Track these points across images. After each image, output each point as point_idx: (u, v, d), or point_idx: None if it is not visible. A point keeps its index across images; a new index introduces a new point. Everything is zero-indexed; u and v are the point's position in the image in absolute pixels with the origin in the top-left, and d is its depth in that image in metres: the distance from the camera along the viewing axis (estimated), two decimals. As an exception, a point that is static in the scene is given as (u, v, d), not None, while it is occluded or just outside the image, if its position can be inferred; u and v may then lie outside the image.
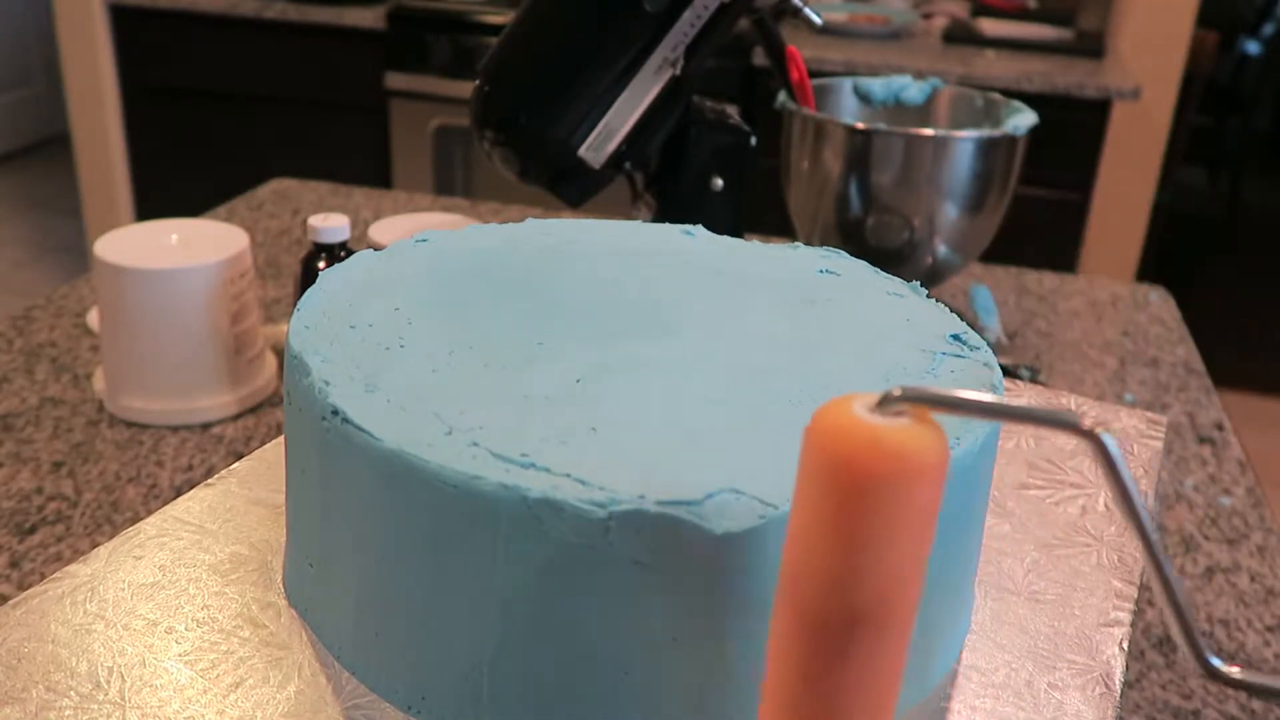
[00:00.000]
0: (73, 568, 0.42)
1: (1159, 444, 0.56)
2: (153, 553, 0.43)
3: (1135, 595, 0.44)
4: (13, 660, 0.37)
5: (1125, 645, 0.41)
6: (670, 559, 0.32)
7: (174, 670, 0.37)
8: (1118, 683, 0.39)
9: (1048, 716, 0.38)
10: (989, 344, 1.00)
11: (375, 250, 0.48)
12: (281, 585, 0.41)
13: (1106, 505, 0.50)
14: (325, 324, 0.41)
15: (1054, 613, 0.43)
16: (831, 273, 0.51)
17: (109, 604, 0.40)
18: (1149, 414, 0.58)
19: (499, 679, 0.35)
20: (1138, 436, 0.56)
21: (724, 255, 0.52)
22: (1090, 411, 0.57)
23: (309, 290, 0.44)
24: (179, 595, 0.41)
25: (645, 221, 0.57)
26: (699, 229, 0.54)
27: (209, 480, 0.47)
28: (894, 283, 0.50)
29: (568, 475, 0.33)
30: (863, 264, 0.52)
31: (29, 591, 0.40)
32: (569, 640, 0.34)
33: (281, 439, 0.50)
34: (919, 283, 0.49)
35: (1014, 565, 0.45)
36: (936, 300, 0.48)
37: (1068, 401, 0.58)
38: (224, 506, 0.46)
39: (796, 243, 0.54)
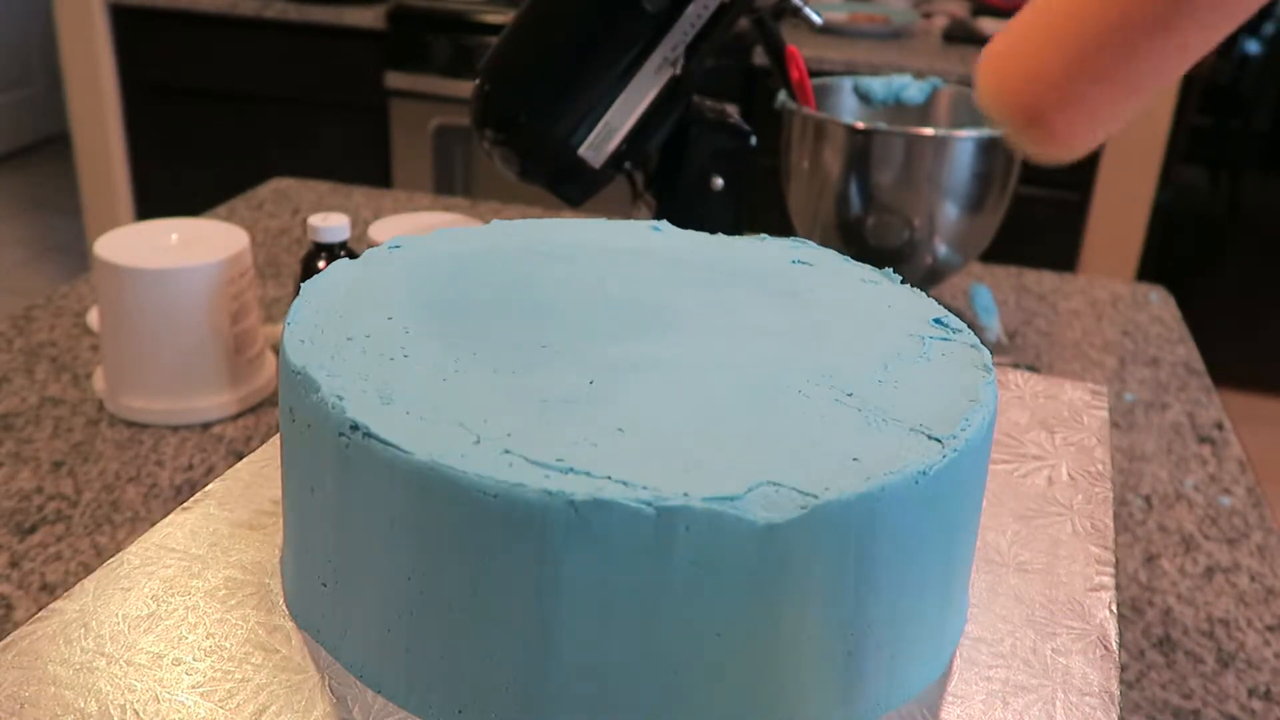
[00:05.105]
0: (59, 604, 0.40)
1: (1104, 413, 0.58)
2: (141, 583, 0.41)
3: (1113, 560, 0.46)
4: (14, 705, 0.35)
5: (1114, 608, 0.43)
6: (714, 554, 0.32)
7: (190, 704, 0.36)
8: (1114, 643, 0.41)
9: (1057, 681, 0.39)
10: (989, 344, 1.00)
11: (351, 259, 0.48)
12: (285, 607, 0.40)
13: (1069, 475, 0.52)
14: (321, 337, 0.40)
15: (1043, 581, 0.44)
16: (804, 263, 0.51)
17: (106, 639, 0.38)
18: (1091, 385, 0.61)
19: (543, 686, 0.34)
20: (1085, 408, 0.59)
21: (696, 249, 0.52)
22: (1037, 384, 0.61)
23: (294, 304, 0.43)
24: (179, 625, 0.39)
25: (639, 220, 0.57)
26: (664, 224, 0.55)
27: (184, 504, 0.46)
28: (865, 269, 0.51)
29: (609, 477, 0.33)
30: (832, 252, 0.53)
31: (16, 633, 0.38)
32: (615, 641, 0.34)
33: (253, 458, 0.49)
34: (891, 269, 0.51)
35: (997, 538, 0.47)
36: (912, 287, 0.50)
37: (1016, 377, 0.61)
38: (207, 530, 0.44)
39: (763, 234, 0.55)
